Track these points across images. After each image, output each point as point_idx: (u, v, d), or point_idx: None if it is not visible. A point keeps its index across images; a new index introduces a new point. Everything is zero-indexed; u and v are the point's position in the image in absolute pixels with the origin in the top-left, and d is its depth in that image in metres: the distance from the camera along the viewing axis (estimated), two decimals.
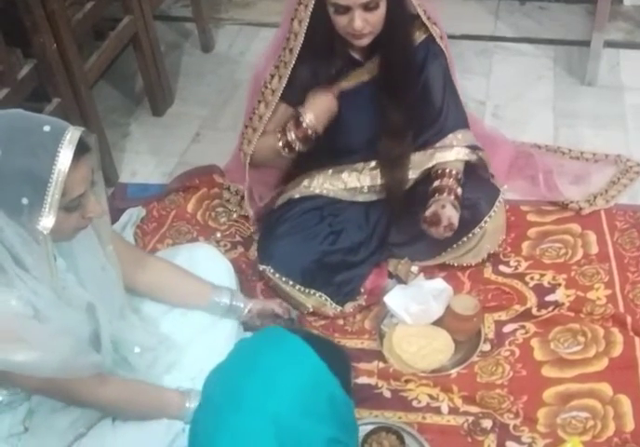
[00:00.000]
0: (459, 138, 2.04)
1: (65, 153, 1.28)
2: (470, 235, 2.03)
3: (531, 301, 2.01)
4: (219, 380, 1.43)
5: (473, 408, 1.77)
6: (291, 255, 2.01)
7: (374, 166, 2.11)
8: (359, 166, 2.11)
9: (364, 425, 1.68)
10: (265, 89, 1.96)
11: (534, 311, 1.97)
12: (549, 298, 2.01)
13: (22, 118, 1.33)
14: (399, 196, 2.09)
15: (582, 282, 2.06)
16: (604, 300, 2.00)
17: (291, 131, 1.95)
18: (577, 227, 2.23)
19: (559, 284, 2.05)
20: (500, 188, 2.13)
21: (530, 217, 2.27)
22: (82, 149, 1.32)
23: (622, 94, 2.79)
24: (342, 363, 1.62)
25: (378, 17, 1.81)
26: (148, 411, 1.56)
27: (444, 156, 2.04)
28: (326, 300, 1.99)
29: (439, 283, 2.00)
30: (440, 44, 1.99)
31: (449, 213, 1.94)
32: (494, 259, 2.12)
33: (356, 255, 2.07)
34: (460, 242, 2.04)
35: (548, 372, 1.84)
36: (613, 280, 2.05)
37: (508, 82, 2.88)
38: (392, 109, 1.99)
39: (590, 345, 1.89)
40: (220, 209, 2.35)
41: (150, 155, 2.64)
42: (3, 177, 1.27)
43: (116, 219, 2.21)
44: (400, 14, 1.87)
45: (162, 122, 2.81)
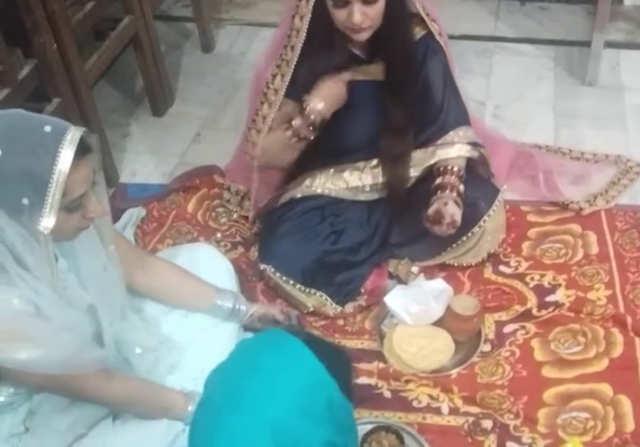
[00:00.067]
0: (460, 135, 2.04)
1: (66, 153, 1.28)
2: (469, 234, 2.03)
3: (531, 301, 2.00)
4: (219, 380, 1.43)
5: (474, 408, 1.77)
6: (292, 255, 2.01)
7: (375, 164, 2.11)
8: (360, 165, 2.11)
9: (363, 424, 1.68)
10: (268, 90, 1.95)
11: (534, 311, 1.97)
12: (549, 298, 2.01)
13: (23, 118, 1.33)
14: (401, 194, 2.09)
15: (583, 283, 2.05)
16: (604, 300, 1.99)
17: (296, 118, 1.94)
18: (577, 228, 2.22)
19: (559, 284, 2.05)
20: (500, 188, 2.12)
21: (530, 217, 2.27)
22: (83, 149, 1.31)
23: (623, 94, 2.78)
24: (343, 365, 1.62)
25: (377, 11, 1.80)
26: (151, 410, 1.56)
27: (445, 153, 2.03)
28: (327, 300, 1.99)
29: (439, 283, 1.99)
30: (439, 40, 1.98)
31: (452, 210, 1.93)
32: (494, 259, 2.12)
33: (357, 255, 2.07)
34: (460, 241, 2.04)
35: (548, 373, 1.84)
36: (613, 281, 2.05)
37: (508, 82, 2.88)
38: (393, 106, 1.98)
39: (590, 345, 1.89)
40: (221, 210, 2.35)
41: (150, 156, 2.64)
42: (3, 177, 1.27)
43: (117, 219, 2.21)
44: (399, 9, 1.86)
45: (162, 122, 2.81)
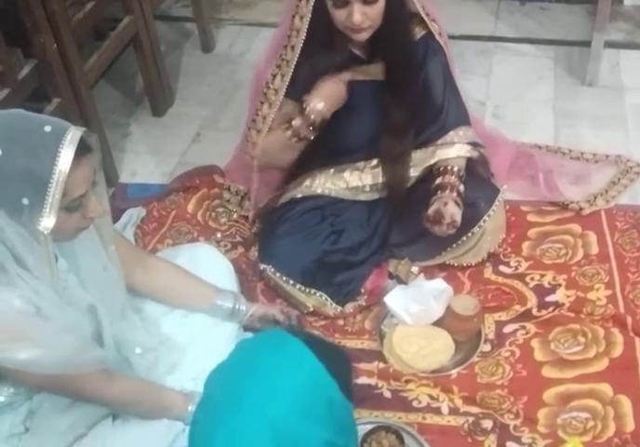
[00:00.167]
0: (460, 135, 2.04)
1: (66, 153, 1.28)
2: (469, 234, 2.03)
3: (531, 301, 2.00)
4: (219, 380, 1.43)
5: (474, 408, 1.77)
6: (292, 255, 2.01)
7: (375, 164, 2.10)
8: (360, 165, 2.11)
9: (363, 424, 1.68)
10: (268, 90, 1.95)
11: (534, 311, 1.97)
12: (549, 298, 2.01)
13: (23, 118, 1.33)
14: (401, 193, 2.09)
15: (583, 283, 2.05)
16: (604, 300, 1.99)
17: (296, 118, 1.93)
18: (577, 228, 2.22)
19: (559, 284, 2.05)
20: (500, 188, 2.12)
21: (530, 217, 2.27)
22: (83, 149, 1.31)
23: (623, 94, 2.78)
24: (343, 365, 1.62)
25: (377, 11, 1.80)
26: (151, 409, 1.56)
27: (445, 153, 2.03)
28: (327, 300, 1.99)
29: (439, 283, 1.99)
30: (439, 40, 1.98)
31: (452, 210, 1.93)
32: (494, 259, 2.12)
33: (357, 255, 2.07)
34: (460, 241, 2.04)
35: (548, 373, 1.84)
36: (613, 281, 2.05)
37: (508, 82, 2.88)
38: (393, 106, 1.98)
39: (590, 345, 1.89)
40: (221, 210, 2.35)
41: (150, 156, 2.64)
42: (3, 177, 1.26)
43: (117, 219, 2.21)
44: (399, 9, 1.86)
45: (162, 122, 2.81)
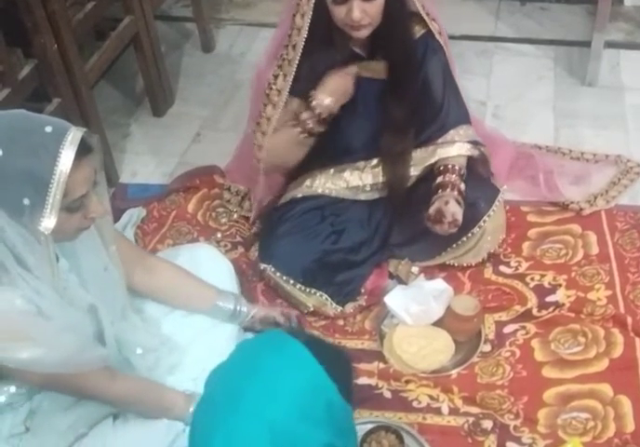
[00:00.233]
0: (460, 133, 2.04)
1: (67, 153, 1.28)
2: (469, 234, 2.03)
3: (532, 301, 2.00)
4: (219, 380, 1.44)
5: (474, 409, 1.77)
6: (292, 254, 2.01)
7: (375, 164, 2.10)
8: (360, 164, 2.11)
9: (363, 424, 1.68)
10: (270, 91, 1.94)
11: (534, 312, 1.97)
12: (549, 299, 2.01)
13: (24, 119, 1.33)
14: (401, 193, 2.09)
15: (583, 283, 2.05)
16: (604, 300, 1.99)
17: (304, 113, 1.92)
18: (577, 228, 2.22)
19: (559, 285, 2.05)
20: (500, 188, 2.12)
21: (531, 217, 2.27)
22: (84, 150, 1.31)
23: (623, 94, 2.78)
24: (343, 366, 1.62)
25: (376, 8, 1.80)
26: (153, 409, 1.56)
27: (446, 152, 2.03)
28: (327, 300, 1.99)
29: (439, 284, 1.99)
30: (439, 39, 1.98)
31: (453, 209, 1.93)
32: (494, 259, 2.12)
33: (357, 255, 2.07)
34: (460, 242, 2.04)
35: (548, 373, 1.84)
36: (613, 281, 2.05)
37: (508, 82, 2.88)
38: (394, 105, 1.98)
39: (590, 345, 1.89)
40: (221, 210, 2.35)
41: (150, 156, 2.64)
42: (4, 177, 1.27)
43: (117, 219, 2.21)
44: (399, 7, 1.86)
45: (162, 122, 2.81)
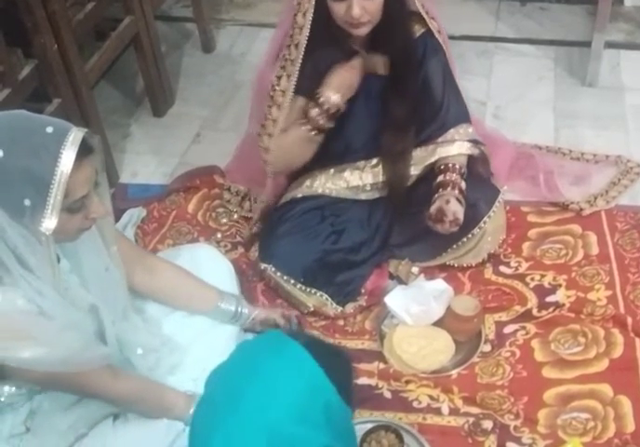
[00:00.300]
0: (460, 132, 2.04)
1: (67, 154, 1.27)
2: (469, 235, 2.03)
3: (532, 302, 2.00)
4: (219, 380, 1.44)
5: (474, 409, 1.77)
6: (292, 254, 2.01)
7: (375, 163, 2.10)
8: (360, 164, 2.11)
9: (362, 423, 1.68)
10: (274, 92, 1.92)
11: (534, 312, 1.97)
12: (549, 299, 2.01)
13: (25, 119, 1.33)
14: (401, 192, 2.09)
15: (583, 283, 2.06)
16: (604, 301, 1.99)
17: (312, 110, 1.91)
18: (577, 228, 2.22)
19: (560, 285, 2.05)
20: (500, 189, 2.12)
21: (531, 218, 2.27)
22: (85, 150, 1.31)
23: (623, 95, 2.78)
24: (343, 367, 1.63)
25: (376, 5, 1.80)
26: (154, 408, 1.56)
27: (446, 151, 2.03)
28: (327, 300, 1.99)
29: (440, 284, 2.00)
30: (438, 38, 1.98)
31: (454, 208, 1.93)
32: (494, 260, 2.12)
33: (357, 255, 2.07)
34: (460, 243, 2.04)
35: (548, 373, 1.84)
36: (614, 281, 2.05)
37: (509, 83, 2.88)
38: (394, 103, 1.98)
39: (590, 345, 1.89)
40: (221, 210, 2.35)
41: (150, 156, 2.64)
42: (5, 178, 1.26)
43: (117, 219, 2.21)
44: (398, 5, 1.86)
45: (163, 123, 2.81)
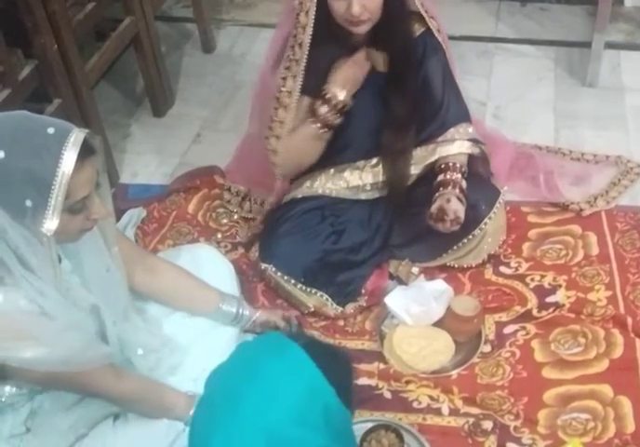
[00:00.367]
0: (460, 132, 2.04)
1: (69, 155, 1.27)
2: (470, 236, 2.03)
3: (532, 302, 2.00)
4: (219, 381, 1.44)
5: (474, 409, 1.77)
6: (293, 254, 2.01)
7: (375, 163, 2.10)
8: (361, 164, 2.11)
9: (362, 423, 1.68)
10: (280, 93, 1.92)
11: (534, 312, 1.97)
12: (549, 299, 2.01)
13: (26, 120, 1.33)
14: (401, 192, 2.09)
15: (583, 283, 2.06)
16: (604, 301, 2.00)
17: (320, 107, 1.92)
18: (577, 228, 2.23)
19: (560, 285, 2.05)
20: (501, 190, 2.12)
21: (531, 218, 2.27)
22: (86, 151, 1.31)
23: (623, 95, 2.78)
24: (343, 368, 1.63)
25: (376, 3, 1.80)
26: (155, 408, 1.56)
27: (446, 150, 2.03)
28: (327, 300, 1.99)
29: (440, 284, 2.00)
30: (438, 37, 1.98)
31: (455, 207, 1.93)
32: (494, 260, 2.12)
33: (358, 255, 2.07)
34: (461, 244, 2.04)
35: (548, 374, 1.84)
36: (614, 282, 2.05)
37: (509, 83, 2.88)
38: (395, 101, 1.98)
39: (590, 346, 1.89)
40: (221, 210, 2.35)
41: (151, 156, 2.64)
42: (7, 179, 1.26)
43: (117, 220, 2.21)
44: (398, 4, 1.86)
45: (163, 123, 2.81)
